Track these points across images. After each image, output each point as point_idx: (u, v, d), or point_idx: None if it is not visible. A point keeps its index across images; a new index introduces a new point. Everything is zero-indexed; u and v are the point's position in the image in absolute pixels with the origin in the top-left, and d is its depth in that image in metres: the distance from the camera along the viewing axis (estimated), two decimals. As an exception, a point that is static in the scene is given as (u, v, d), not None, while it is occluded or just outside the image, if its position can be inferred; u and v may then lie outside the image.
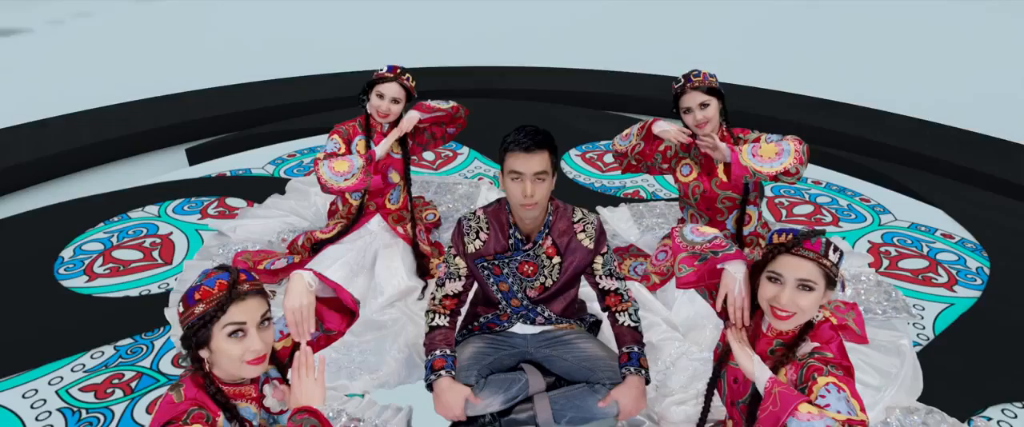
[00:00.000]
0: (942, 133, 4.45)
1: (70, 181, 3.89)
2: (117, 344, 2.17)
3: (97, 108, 4.66)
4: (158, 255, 2.71)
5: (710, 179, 2.22)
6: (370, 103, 2.40)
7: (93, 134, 4.20)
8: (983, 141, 4.30)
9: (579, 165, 3.73)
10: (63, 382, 1.99)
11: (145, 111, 4.64)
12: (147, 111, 4.64)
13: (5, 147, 3.93)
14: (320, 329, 1.44)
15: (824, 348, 1.36)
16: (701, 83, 2.19)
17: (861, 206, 3.26)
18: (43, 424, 1.83)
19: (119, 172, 4.03)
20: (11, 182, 3.72)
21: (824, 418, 1.20)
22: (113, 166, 4.11)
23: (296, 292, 1.34)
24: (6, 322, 2.28)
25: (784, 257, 1.35)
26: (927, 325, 2.33)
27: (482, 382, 1.80)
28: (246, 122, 4.70)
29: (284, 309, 1.34)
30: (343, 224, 2.46)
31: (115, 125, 4.34)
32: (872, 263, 2.69)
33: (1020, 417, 1.93)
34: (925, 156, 4.07)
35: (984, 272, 2.67)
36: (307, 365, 1.28)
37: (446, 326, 1.82)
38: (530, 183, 1.73)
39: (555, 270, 1.83)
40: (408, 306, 2.33)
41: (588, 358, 1.85)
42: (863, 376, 2.02)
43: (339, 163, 2.25)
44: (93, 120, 4.45)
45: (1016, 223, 3.14)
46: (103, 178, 3.94)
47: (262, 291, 1.24)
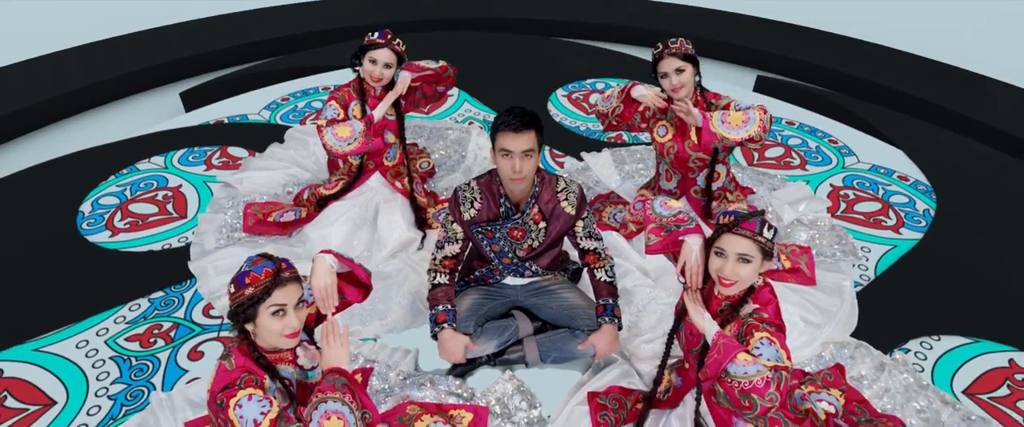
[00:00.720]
0: (912, 64, 4.58)
1: (66, 128, 3.98)
2: (151, 297, 2.42)
3: (82, 45, 4.63)
4: (172, 208, 2.91)
5: (683, 140, 2.42)
6: (363, 68, 2.52)
7: (83, 76, 4.22)
8: (952, 74, 4.44)
9: (565, 107, 3.87)
10: (109, 333, 2.26)
11: (132, 48, 4.63)
12: (134, 48, 4.63)
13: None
14: (341, 298, 1.69)
15: (762, 309, 1.64)
16: (678, 50, 2.33)
17: (828, 148, 3.48)
18: (100, 371, 2.12)
19: (113, 116, 4.11)
20: (6, 131, 3.80)
21: (756, 364, 1.50)
22: (107, 110, 4.19)
23: (321, 273, 1.58)
24: (43, 278, 2.50)
25: (727, 236, 1.60)
26: (870, 267, 2.63)
27: (478, 330, 2.09)
28: (237, 58, 4.73)
29: (312, 287, 1.58)
30: (345, 181, 2.65)
31: (103, 65, 4.36)
32: (830, 208, 2.95)
33: (935, 348, 2.27)
34: (894, 91, 4.24)
35: (930, 214, 2.96)
36: (334, 332, 1.53)
37: (446, 283, 2.08)
38: (519, 160, 1.92)
39: (541, 233, 2.07)
40: (409, 256, 2.58)
41: (570, 307, 2.14)
42: (807, 315, 2.33)
43: (341, 128, 2.41)
44: (80, 59, 4.45)
45: (969, 163, 3.39)
46: (99, 123, 4.03)
47: (298, 278, 1.47)
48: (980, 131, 3.83)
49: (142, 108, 4.16)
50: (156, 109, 4.12)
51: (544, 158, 3.33)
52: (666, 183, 2.59)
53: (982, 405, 2.06)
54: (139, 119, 3.97)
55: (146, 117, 3.99)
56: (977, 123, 3.87)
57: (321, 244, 2.54)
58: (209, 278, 2.48)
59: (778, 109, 3.85)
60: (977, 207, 3.00)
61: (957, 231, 2.83)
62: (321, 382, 1.46)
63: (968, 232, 2.83)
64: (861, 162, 3.35)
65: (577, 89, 4.08)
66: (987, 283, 2.55)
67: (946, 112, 4.00)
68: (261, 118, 3.69)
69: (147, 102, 4.24)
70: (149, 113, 4.06)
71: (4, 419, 1.95)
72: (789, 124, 3.70)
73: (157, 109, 4.11)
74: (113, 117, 4.07)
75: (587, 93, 4.03)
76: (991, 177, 3.26)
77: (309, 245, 2.58)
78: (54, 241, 2.70)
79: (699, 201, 2.53)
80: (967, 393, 2.10)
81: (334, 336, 1.54)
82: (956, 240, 2.78)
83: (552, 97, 3.96)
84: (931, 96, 4.12)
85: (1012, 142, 3.70)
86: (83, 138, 3.72)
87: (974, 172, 3.29)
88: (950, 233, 2.82)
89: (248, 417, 1.35)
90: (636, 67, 4.38)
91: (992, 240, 2.79)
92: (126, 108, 4.19)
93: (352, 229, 2.58)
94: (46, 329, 2.26)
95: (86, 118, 4.09)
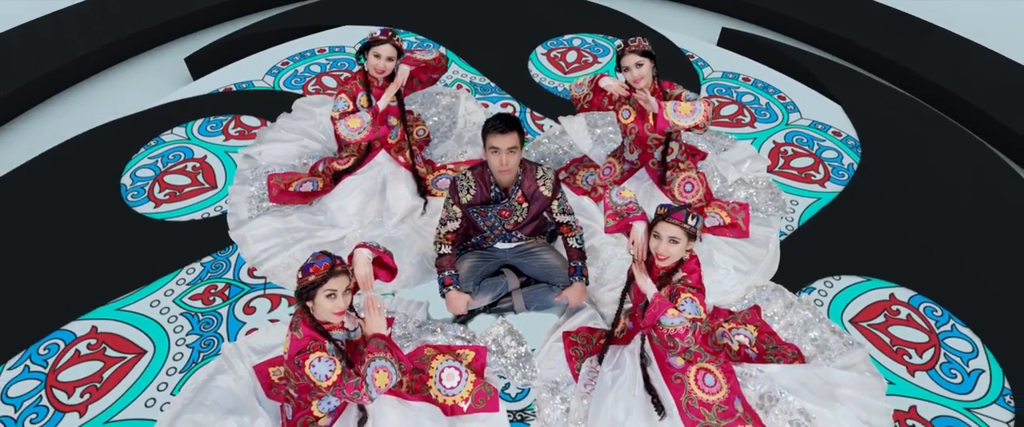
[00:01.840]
0: (872, 11, 4.91)
1: (78, 95, 4.24)
2: (202, 261, 2.92)
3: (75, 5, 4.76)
4: (203, 179, 3.33)
5: (643, 123, 2.86)
6: (368, 62, 2.88)
7: (86, 41, 4.40)
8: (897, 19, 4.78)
9: (545, 67, 4.22)
10: (175, 293, 2.78)
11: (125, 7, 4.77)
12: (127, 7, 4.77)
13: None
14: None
15: (688, 276, 2.19)
16: (637, 48, 2.73)
17: (776, 105, 3.93)
18: (175, 325, 2.66)
19: (122, 81, 4.37)
20: (21, 100, 4.05)
21: (680, 317, 2.09)
22: (112, 74, 4.43)
23: (360, 263, 2.08)
24: (105, 247, 2.97)
25: (662, 223, 2.12)
26: (796, 219, 3.19)
27: (476, 288, 2.64)
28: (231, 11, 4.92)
29: (355, 275, 2.09)
30: (356, 157, 3.08)
31: (103, 27, 4.53)
32: (770, 166, 3.46)
33: (835, 286, 2.87)
34: (848, 41, 4.61)
35: (853, 168, 3.48)
36: (374, 307, 2.07)
37: (449, 253, 2.60)
38: (505, 155, 2.38)
39: (524, 211, 2.57)
40: (415, 221, 3.08)
41: (548, 266, 2.69)
42: (739, 264, 2.90)
43: (352, 120, 2.82)
44: (78, 20, 4.61)
45: (897, 117, 3.87)
46: (109, 89, 4.30)
47: (347, 271, 1.97)
48: (916, 83, 4.28)
49: (148, 72, 4.42)
50: (162, 74, 4.38)
51: (526, 122, 3.75)
52: (629, 155, 3.06)
53: (862, 331, 2.69)
54: (148, 85, 4.25)
55: (155, 82, 4.28)
56: (914, 75, 4.30)
57: (338, 212, 3.03)
58: (248, 245, 2.97)
59: (737, 64, 4.25)
60: (895, 161, 3.53)
61: (873, 184, 3.37)
62: (368, 345, 2.01)
63: (881, 185, 3.37)
64: (803, 118, 3.83)
65: (556, 46, 4.41)
66: (887, 230, 3.13)
67: (893, 65, 4.39)
68: (265, 84, 4.01)
69: (152, 65, 4.49)
70: (157, 78, 4.34)
71: (109, 366, 2.51)
72: (745, 81, 4.12)
73: (163, 74, 4.38)
74: (121, 82, 4.34)
75: (564, 50, 4.37)
76: (914, 131, 3.76)
77: (329, 214, 3.06)
78: (106, 213, 3.13)
79: (656, 171, 3.02)
80: (852, 321, 2.73)
81: (374, 310, 2.08)
82: (869, 192, 3.32)
83: (532, 56, 4.29)
84: (880, 47, 4.50)
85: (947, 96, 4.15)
86: (99, 106, 4.04)
87: (899, 126, 3.78)
88: (866, 186, 3.36)
89: (321, 373, 1.91)
90: (610, 20, 4.68)
91: (902, 191, 3.34)
92: (132, 72, 4.44)
93: (364, 200, 3.05)
94: (121, 292, 2.77)
95: (96, 83, 4.35)
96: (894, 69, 4.39)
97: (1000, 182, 3.43)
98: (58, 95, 4.23)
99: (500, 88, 3.99)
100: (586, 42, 4.46)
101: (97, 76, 4.40)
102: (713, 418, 2.25)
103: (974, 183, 3.41)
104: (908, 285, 2.86)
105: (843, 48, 4.62)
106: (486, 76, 4.10)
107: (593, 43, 4.45)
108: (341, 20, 4.59)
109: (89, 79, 4.37)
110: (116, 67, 4.48)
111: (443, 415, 2.30)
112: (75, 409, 2.36)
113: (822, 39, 4.72)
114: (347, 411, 2.19)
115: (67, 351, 2.54)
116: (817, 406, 2.35)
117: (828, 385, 2.43)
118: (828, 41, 4.69)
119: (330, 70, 4.13)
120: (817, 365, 2.50)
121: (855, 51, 4.56)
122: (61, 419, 2.33)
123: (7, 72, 4.08)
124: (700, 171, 3.12)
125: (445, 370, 2.41)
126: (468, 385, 2.38)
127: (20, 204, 3.18)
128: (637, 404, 2.31)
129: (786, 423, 2.31)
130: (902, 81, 4.33)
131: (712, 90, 4.02)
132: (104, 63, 4.44)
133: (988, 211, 3.24)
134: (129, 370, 2.49)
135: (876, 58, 4.47)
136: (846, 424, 2.33)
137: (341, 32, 4.49)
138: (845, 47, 4.61)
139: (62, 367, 2.49)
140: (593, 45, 4.43)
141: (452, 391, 2.37)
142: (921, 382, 2.52)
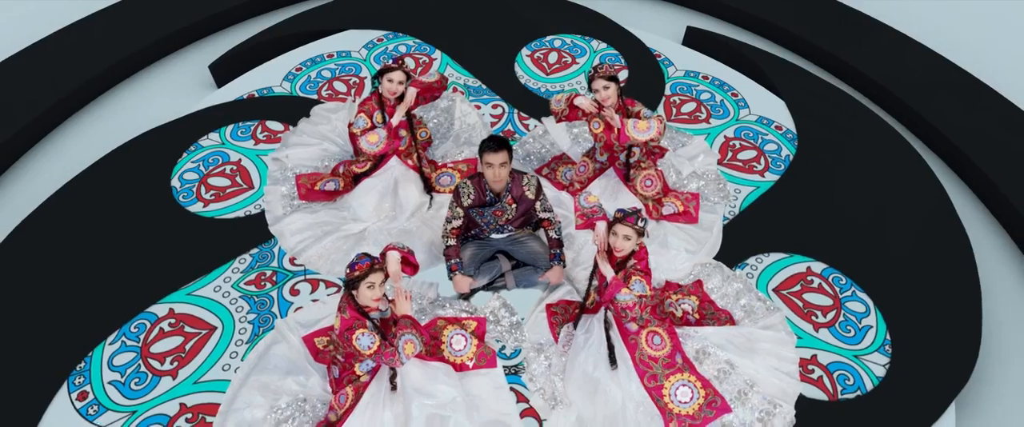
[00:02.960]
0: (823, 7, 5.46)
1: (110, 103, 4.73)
2: (250, 252, 3.56)
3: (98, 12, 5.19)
4: (240, 180, 3.93)
5: (610, 134, 3.48)
6: (382, 85, 3.45)
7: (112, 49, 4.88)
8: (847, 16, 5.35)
9: (530, 69, 4.78)
10: (232, 280, 3.43)
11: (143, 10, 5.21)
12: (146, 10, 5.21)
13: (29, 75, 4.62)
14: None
15: (639, 263, 2.87)
16: (604, 73, 3.33)
17: (730, 102, 4.54)
18: (237, 306, 3.32)
19: (148, 89, 4.86)
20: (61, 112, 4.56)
21: (631, 295, 2.78)
22: (137, 82, 4.91)
23: (392, 262, 2.73)
24: (169, 243, 3.58)
25: (618, 224, 2.79)
26: (737, 205, 3.86)
27: (476, 272, 3.31)
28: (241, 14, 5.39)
29: (387, 270, 2.73)
30: (371, 162, 3.69)
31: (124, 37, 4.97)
32: (719, 159, 4.10)
33: (764, 261, 3.56)
34: (791, 34, 5.18)
35: (789, 159, 4.13)
36: (403, 296, 2.74)
37: (454, 245, 3.26)
38: (497, 168, 3.02)
39: (513, 210, 3.22)
40: (423, 214, 3.71)
41: (533, 253, 3.36)
42: (688, 246, 3.58)
43: (371, 135, 3.42)
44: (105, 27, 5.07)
45: (830, 109, 4.49)
46: (140, 95, 4.80)
47: (382, 268, 2.63)
48: (854, 77, 4.89)
49: (173, 79, 4.92)
50: (187, 81, 4.89)
51: (514, 122, 4.34)
52: (599, 156, 3.69)
53: (782, 298, 3.40)
54: (176, 92, 4.77)
55: (181, 90, 4.79)
56: (854, 70, 4.90)
57: (359, 208, 3.66)
58: (286, 237, 3.60)
59: (698, 63, 4.82)
60: (825, 152, 4.18)
61: (804, 173, 4.03)
62: (399, 323, 2.69)
63: (813, 173, 4.03)
64: (751, 114, 4.45)
65: (539, 47, 4.95)
66: (811, 213, 3.80)
67: (837, 60, 4.99)
68: (284, 90, 4.55)
69: (175, 72, 4.98)
70: (182, 85, 4.85)
71: (189, 339, 3.18)
72: (704, 78, 4.71)
73: (187, 80, 4.89)
74: (144, 89, 4.84)
75: (547, 51, 4.92)
76: (845, 123, 4.39)
77: (351, 210, 3.68)
78: (163, 213, 3.74)
79: (622, 170, 3.66)
80: (775, 290, 3.44)
81: (402, 297, 2.75)
82: (800, 181, 3.99)
83: (518, 58, 4.84)
84: (828, 43, 5.08)
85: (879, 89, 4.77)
86: (135, 115, 4.56)
87: (833, 120, 4.41)
88: (798, 175, 4.02)
89: (364, 344, 2.59)
90: (586, 20, 5.20)
91: (827, 179, 4.00)
92: (158, 78, 4.94)
93: (380, 198, 3.68)
94: (188, 279, 3.42)
95: (123, 92, 4.84)
96: (838, 64, 4.99)
97: (911, 168, 4.10)
98: (94, 101, 4.75)
99: (490, 90, 4.57)
100: (565, 43, 5.00)
101: (126, 82, 4.90)
102: (659, 368, 2.98)
103: (888, 170, 4.08)
104: (822, 259, 3.56)
105: (795, 43, 5.20)
106: (478, 78, 4.66)
107: (571, 44, 5.00)
108: (344, 25, 5.08)
109: (117, 86, 4.87)
110: (141, 74, 4.97)
111: (454, 371, 3.00)
112: (168, 373, 3.05)
113: (777, 34, 5.29)
114: (381, 370, 2.89)
115: (153, 328, 3.20)
116: (740, 358, 3.08)
117: (750, 341, 3.16)
118: (782, 36, 5.26)
119: (339, 75, 4.67)
120: (743, 326, 3.23)
121: (805, 46, 5.15)
122: (158, 382, 3.02)
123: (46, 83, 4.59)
124: (658, 168, 3.76)
125: (454, 337, 3.11)
126: (472, 348, 3.08)
127: (88, 207, 3.76)
128: (602, 359, 3.03)
129: (715, 371, 3.04)
130: (843, 75, 4.94)
131: (675, 88, 4.62)
132: (131, 70, 4.94)
133: (896, 195, 3.92)
134: (205, 342, 3.17)
135: (822, 53, 5.06)
136: (762, 371, 3.07)
137: (345, 36, 4.99)
138: (796, 43, 5.19)
139: (152, 341, 3.16)
140: (572, 46, 4.98)
141: (460, 353, 3.07)
142: (823, 337, 3.25)
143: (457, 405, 2.87)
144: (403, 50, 4.88)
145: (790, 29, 5.21)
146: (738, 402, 2.96)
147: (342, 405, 2.83)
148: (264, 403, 2.93)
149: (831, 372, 3.10)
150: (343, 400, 2.83)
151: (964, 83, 4.74)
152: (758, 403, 2.96)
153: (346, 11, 5.25)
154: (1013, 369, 3.36)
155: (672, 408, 2.92)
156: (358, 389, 2.84)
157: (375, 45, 4.92)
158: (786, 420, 2.94)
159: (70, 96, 4.58)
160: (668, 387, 2.95)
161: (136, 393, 2.97)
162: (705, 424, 2.90)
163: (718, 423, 2.91)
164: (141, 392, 2.97)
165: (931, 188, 3.96)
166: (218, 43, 5.20)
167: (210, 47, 5.18)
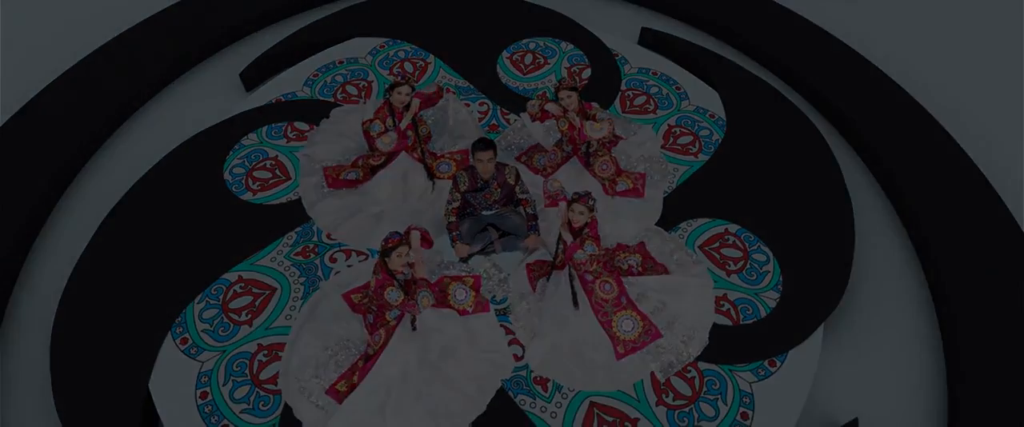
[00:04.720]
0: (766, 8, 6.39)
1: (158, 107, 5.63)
2: (295, 230, 4.54)
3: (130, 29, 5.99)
4: (279, 173, 4.88)
5: (574, 131, 4.47)
6: (392, 97, 4.41)
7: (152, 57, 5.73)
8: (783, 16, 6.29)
9: (510, 70, 5.70)
10: (283, 252, 4.43)
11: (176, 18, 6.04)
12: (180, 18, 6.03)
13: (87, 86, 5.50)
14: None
15: (590, 231, 3.91)
16: (567, 85, 4.31)
17: (674, 94, 5.51)
18: (290, 272, 4.32)
19: (188, 94, 5.73)
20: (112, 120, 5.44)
21: (584, 254, 3.85)
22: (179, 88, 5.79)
23: (414, 239, 3.74)
24: (229, 224, 4.56)
25: (574, 204, 3.82)
26: (675, 181, 4.89)
27: (472, 241, 4.35)
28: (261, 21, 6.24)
29: (411, 246, 3.74)
30: (385, 158, 4.66)
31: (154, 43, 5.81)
32: (663, 144, 5.11)
33: (693, 225, 4.60)
34: (733, 32, 6.14)
35: (718, 142, 5.15)
36: (421, 262, 3.76)
37: (454, 221, 4.28)
38: (486, 163, 4.03)
39: (498, 193, 4.25)
40: (428, 196, 4.71)
41: (515, 225, 4.40)
42: (634, 216, 4.63)
43: (385, 137, 4.40)
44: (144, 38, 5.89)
45: (758, 99, 5.49)
46: (184, 100, 5.68)
47: (407, 243, 3.64)
48: (782, 71, 5.89)
49: (209, 85, 5.80)
50: (221, 87, 5.77)
51: (498, 118, 5.30)
52: (566, 147, 4.70)
53: (706, 253, 4.47)
54: (214, 96, 5.65)
55: (217, 94, 5.67)
56: (783, 65, 5.89)
57: (378, 193, 4.64)
58: (322, 218, 4.59)
59: (649, 61, 5.77)
60: (749, 135, 5.20)
61: (731, 154, 5.06)
62: (418, 283, 3.72)
63: (738, 154, 5.05)
64: (691, 104, 5.44)
65: (516, 49, 5.86)
66: (732, 185, 4.84)
67: (767, 55, 5.97)
68: (305, 94, 5.46)
69: (208, 79, 5.85)
70: (218, 89, 5.73)
71: (256, 298, 4.20)
72: (654, 74, 5.67)
73: (221, 86, 5.76)
74: (188, 94, 5.72)
75: (523, 53, 5.84)
76: (769, 111, 5.39)
77: (371, 195, 4.67)
78: (221, 201, 4.70)
79: (584, 158, 4.67)
80: (700, 247, 4.50)
81: (421, 264, 3.78)
82: (725, 160, 5.02)
83: (499, 60, 5.75)
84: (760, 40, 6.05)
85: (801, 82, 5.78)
86: (183, 117, 5.45)
87: (759, 108, 5.41)
88: (726, 156, 5.05)
89: (393, 298, 3.63)
90: (554, 21, 6.10)
91: (749, 157, 5.03)
92: (195, 84, 5.81)
93: (393, 186, 4.67)
94: (250, 253, 4.41)
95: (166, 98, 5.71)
96: (768, 59, 5.97)
97: (813, 146, 5.13)
98: (144, 106, 5.63)
99: (477, 90, 5.50)
100: (539, 45, 5.92)
101: (168, 88, 5.77)
102: (610, 308, 4.06)
103: (795, 149, 5.11)
104: (737, 222, 4.63)
105: (735, 40, 6.16)
106: (466, 80, 5.59)
107: (545, 46, 5.91)
108: (349, 33, 5.94)
109: (162, 92, 5.74)
110: (181, 80, 5.83)
111: (458, 315, 4.06)
112: (245, 323, 4.08)
113: (720, 32, 6.24)
114: (405, 317, 3.93)
115: (228, 291, 4.21)
116: (670, 298, 4.16)
117: (679, 285, 4.24)
118: (724, 34, 6.21)
119: (351, 79, 5.57)
120: (674, 276, 4.30)
121: (741, 43, 6.11)
122: (239, 330, 4.05)
123: (97, 93, 5.46)
124: (613, 155, 4.77)
125: (457, 290, 4.15)
126: (471, 297, 4.13)
127: (163, 198, 4.69)
128: (567, 303, 4.10)
129: (652, 308, 4.13)
130: (773, 69, 5.93)
131: (630, 83, 5.58)
132: (167, 79, 5.80)
133: (804, 170, 4.97)
134: (269, 300, 4.19)
135: (756, 50, 6.04)
136: (687, 306, 4.16)
137: (352, 44, 5.87)
138: (734, 39, 6.15)
139: (229, 299, 4.17)
140: (545, 48, 5.90)
141: (462, 301, 4.12)
142: (733, 281, 4.34)
143: (461, 338, 3.94)
144: (402, 55, 5.78)
145: (732, 27, 6.16)
146: (668, 330, 4.06)
147: (377, 342, 3.89)
148: (317, 343, 3.98)
149: (737, 305, 4.20)
150: (378, 339, 3.88)
151: (871, 75, 5.75)
152: (681, 330, 4.07)
153: (349, 21, 6.10)
154: (871, 305, 4.50)
155: (619, 335, 4.02)
156: (389, 330, 3.89)
157: (378, 51, 5.81)
158: (702, 342, 4.05)
159: (125, 102, 5.47)
160: (616, 320, 4.04)
161: (224, 337, 4.01)
162: (643, 346, 4.01)
163: (653, 345, 4.01)
164: (227, 336, 4.01)
165: (827, 162, 5.01)
166: (240, 51, 6.05)
167: (234, 55, 6.02)
